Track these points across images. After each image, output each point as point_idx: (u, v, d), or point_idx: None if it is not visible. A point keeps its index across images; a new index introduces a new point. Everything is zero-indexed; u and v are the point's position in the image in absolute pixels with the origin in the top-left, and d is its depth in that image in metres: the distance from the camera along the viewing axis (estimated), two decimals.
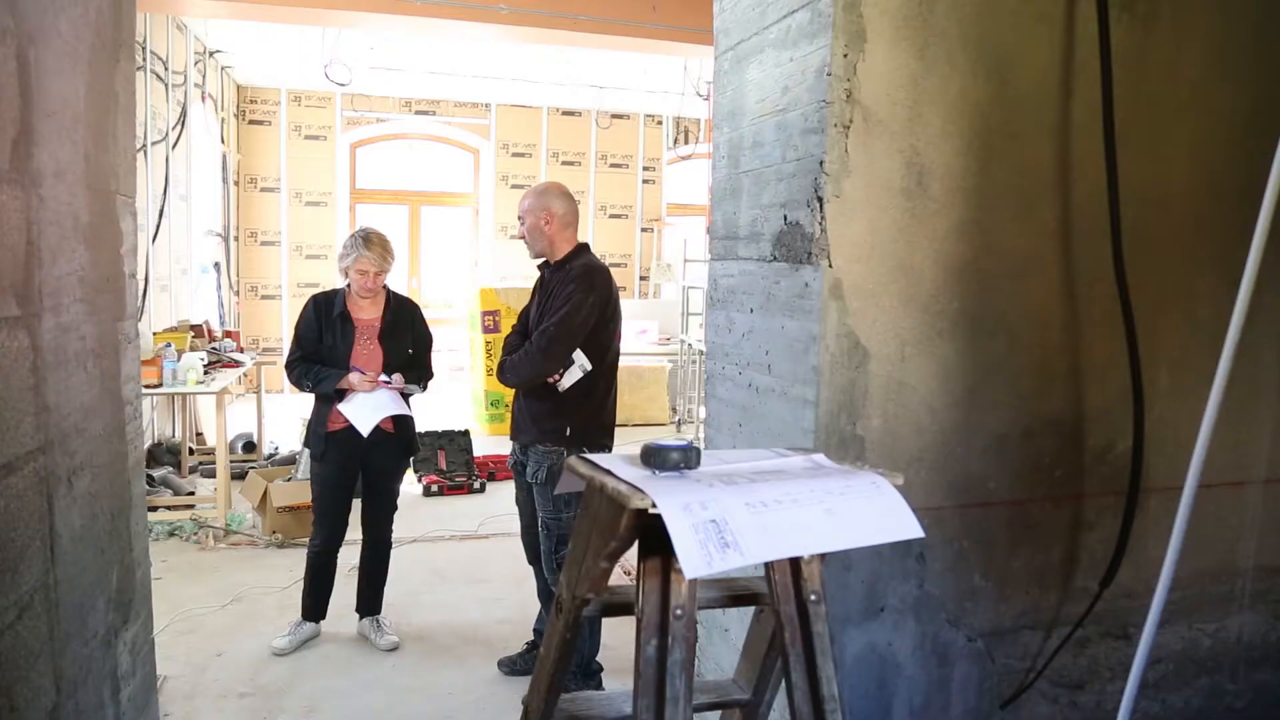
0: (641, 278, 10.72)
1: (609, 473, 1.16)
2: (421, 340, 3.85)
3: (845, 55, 1.81)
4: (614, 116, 10.43)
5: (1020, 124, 1.94)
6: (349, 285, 3.65)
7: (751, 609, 1.47)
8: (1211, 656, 2.36)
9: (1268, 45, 2.15)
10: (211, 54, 8.17)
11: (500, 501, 5.62)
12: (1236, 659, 2.40)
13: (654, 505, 1.04)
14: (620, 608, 1.30)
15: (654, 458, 1.17)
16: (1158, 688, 2.31)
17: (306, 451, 4.18)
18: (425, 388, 3.82)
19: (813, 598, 1.18)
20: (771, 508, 1.04)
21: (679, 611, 1.12)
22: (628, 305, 9.92)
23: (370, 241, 3.57)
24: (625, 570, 3.39)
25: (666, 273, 10.22)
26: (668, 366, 8.78)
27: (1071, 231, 1.99)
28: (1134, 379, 1.98)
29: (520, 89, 9.50)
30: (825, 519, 1.05)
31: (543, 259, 3.34)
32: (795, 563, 1.18)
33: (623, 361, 8.88)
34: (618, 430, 3.51)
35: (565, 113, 10.36)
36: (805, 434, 1.83)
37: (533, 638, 3.55)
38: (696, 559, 0.97)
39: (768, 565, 1.20)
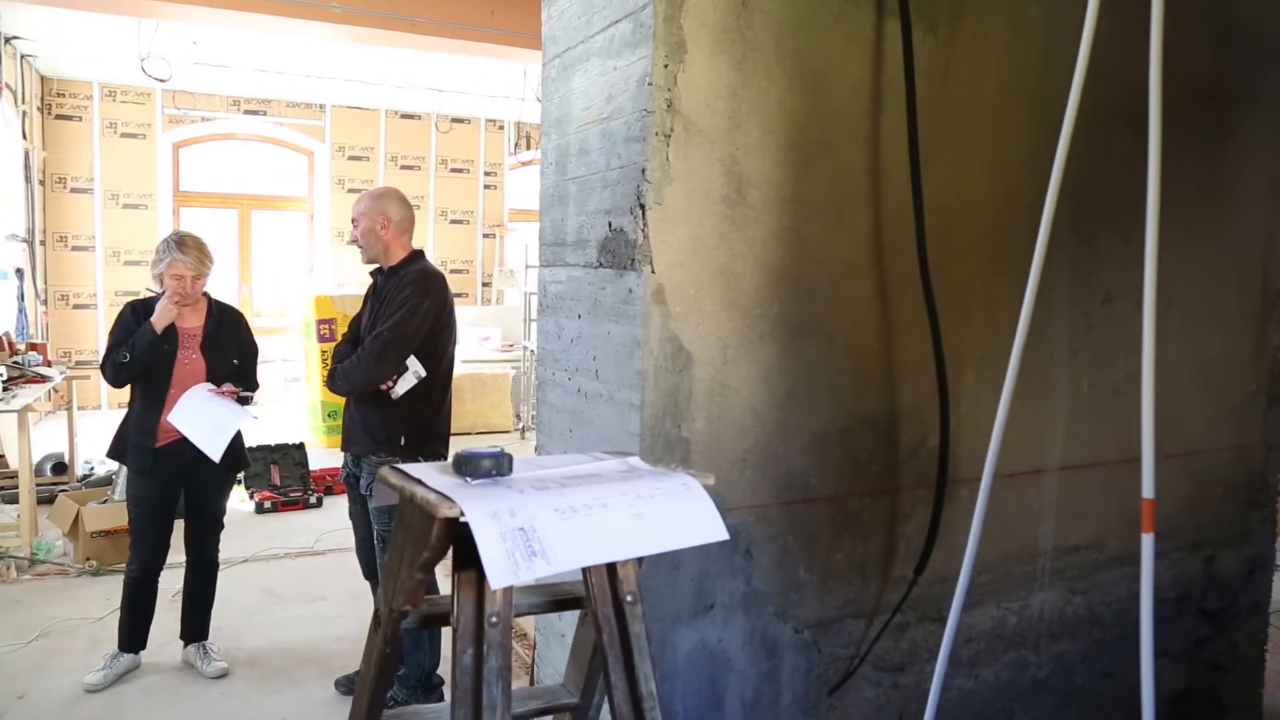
0: (484, 284, 10.60)
1: (420, 482, 1.14)
2: (247, 350, 3.67)
3: (666, 66, 1.84)
4: (454, 120, 10.28)
5: (834, 135, 2.03)
6: (164, 292, 3.45)
7: None
8: (1017, 632, 2.54)
9: (1054, 69, 2.33)
10: (8, 40, 7.54)
11: (338, 516, 5.43)
12: (1039, 633, 2.58)
13: (463, 514, 1.03)
14: (438, 618, 1.28)
15: (466, 465, 1.16)
16: (971, 664, 2.45)
17: (124, 470, 3.92)
18: (253, 402, 3.65)
19: (629, 599, 1.20)
20: (581, 513, 1.05)
21: (494, 619, 1.12)
22: (470, 312, 9.82)
23: (184, 245, 3.38)
24: None
25: (509, 279, 10.15)
26: (511, 373, 8.72)
27: (883, 239, 2.10)
28: (940, 378, 2.11)
29: (357, 90, 9.24)
30: (634, 523, 1.07)
31: (376, 264, 3.27)
32: (611, 565, 1.19)
33: (466, 369, 8.74)
34: (461, 439, 3.48)
35: (404, 116, 10.14)
36: (632, 437, 1.86)
37: None
38: (503, 568, 0.97)
39: (585, 569, 1.21)
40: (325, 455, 6.90)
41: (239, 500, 5.79)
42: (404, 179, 9.95)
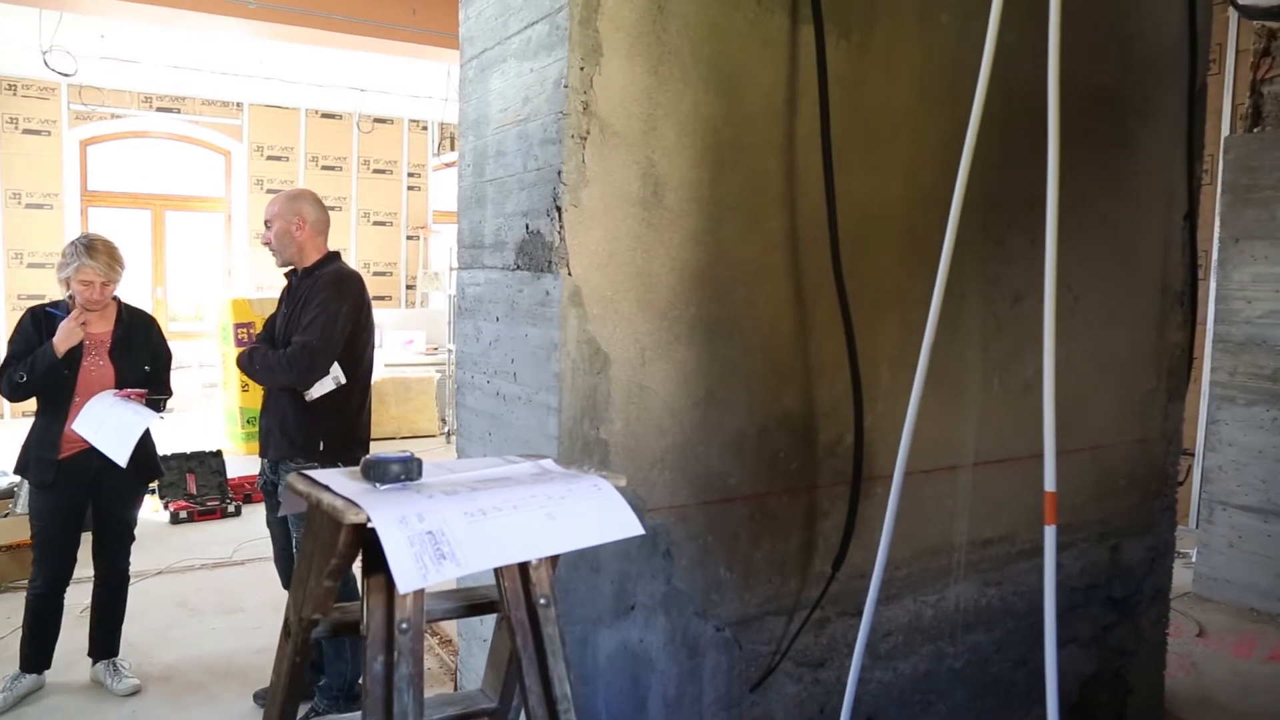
0: (408, 286, 10.44)
1: (327, 488, 1.12)
2: (159, 356, 3.55)
3: (582, 68, 1.84)
4: (377, 120, 10.12)
5: (750, 139, 2.06)
6: (72, 297, 3.32)
7: None
8: (934, 625, 2.60)
9: (965, 75, 2.39)
10: None
11: (258, 525, 5.28)
12: (955, 625, 2.65)
13: (369, 519, 1.01)
14: (350, 627, 1.26)
15: (374, 471, 1.14)
16: (889, 657, 2.51)
17: (26, 483, 3.76)
18: (164, 408, 3.54)
19: (542, 601, 1.20)
20: (491, 516, 1.05)
21: (404, 626, 1.10)
22: (394, 315, 9.68)
23: (94, 249, 3.26)
24: None
25: (433, 281, 10.03)
26: (436, 377, 8.62)
27: (798, 241, 2.13)
28: (853, 377, 2.15)
29: (276, 88, 9.02)
30: (546, 523, 1.07)
31: (290, 266, 3.21)
32: (524, 568, 1.19)
33: (390, 373, 8.61)
34: (385, 444, 3.43)
35: (325, 115, 9.94)
36: (550, 440, 1.85)
37: None
38: (411, 572, 0.96)
39: (497, 572, 1.20)
40: (245, 462, 6.74)
41: (152, 511, 5.62)
42: (325, 180, 9.75)
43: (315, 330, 2.98)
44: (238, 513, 5.76)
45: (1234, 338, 4.46)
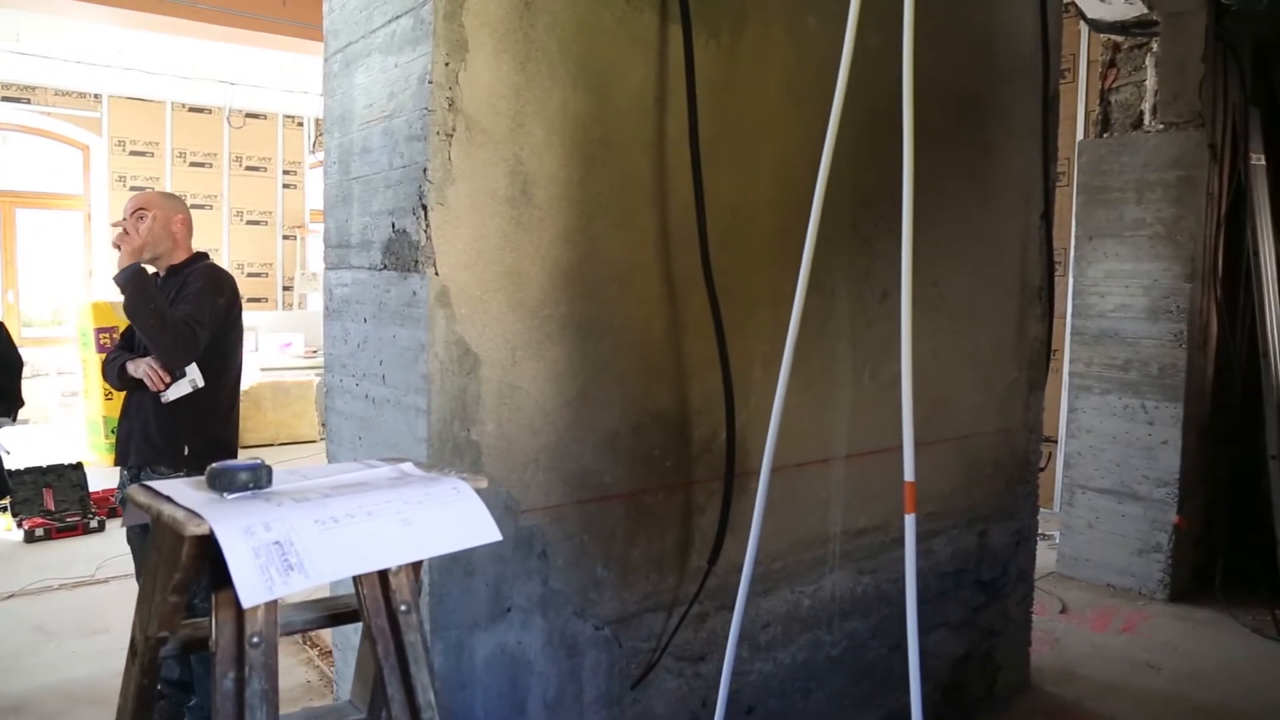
0: (285, 288, 10.08)
1: (169, 500, 1.06)
2: (8, 365, 3.34)
3: (447, 64, 1.81)
4: (249, 115, 9.74)
5: (620, 137, 2.06)
6: None
7: None
8: (812, 614, 2.66)
9: (830, 78, 2.45)
10: None
11: (122, 540, 5.04)
12: (832, 613, 2.72)
13: (212, 531, 0.97)
14: (202, 643, 1.20)
15: (221, 479, 1.09)
16: (769, 648, 2.55)
17: None
18: (15, 419, 3.33)
19: (403, 608, 1.17)
20: (343, 523, 1.01)
21: (256, 640, 1.06)
22: (271, 317, 9.34)
23: None
24: None
25: (311, 282, 9.73)
26: (315, 380, 8.37)
27: (670, 239, 2.14)
28: (724, 374, 2.18)
29: (138, 80, 8.57)
30: (400, 530, 1.04)
31: (154, 264, 3.07)
32: (383, 575, 1.16)
33: (267, 377, 8.30)
34: (264, 450, 3.32)
35: (193, 109, 9.50)
36: (420, 443, 1.81)
37: (159, 687, 3.22)
38: (255, 585, 0.92)
39: (356, 580, 1.17)
40: (109, 474, 6.39)
41: (4, 530, 5.28)
42: (194, 177, 9.34)
43: (195, 317, 2.88)
44: (101, 528, 5.46)
45: (1090, 330, 4.71)
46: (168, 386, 2.88)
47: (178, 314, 2.89)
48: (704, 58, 2.19)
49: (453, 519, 1.10)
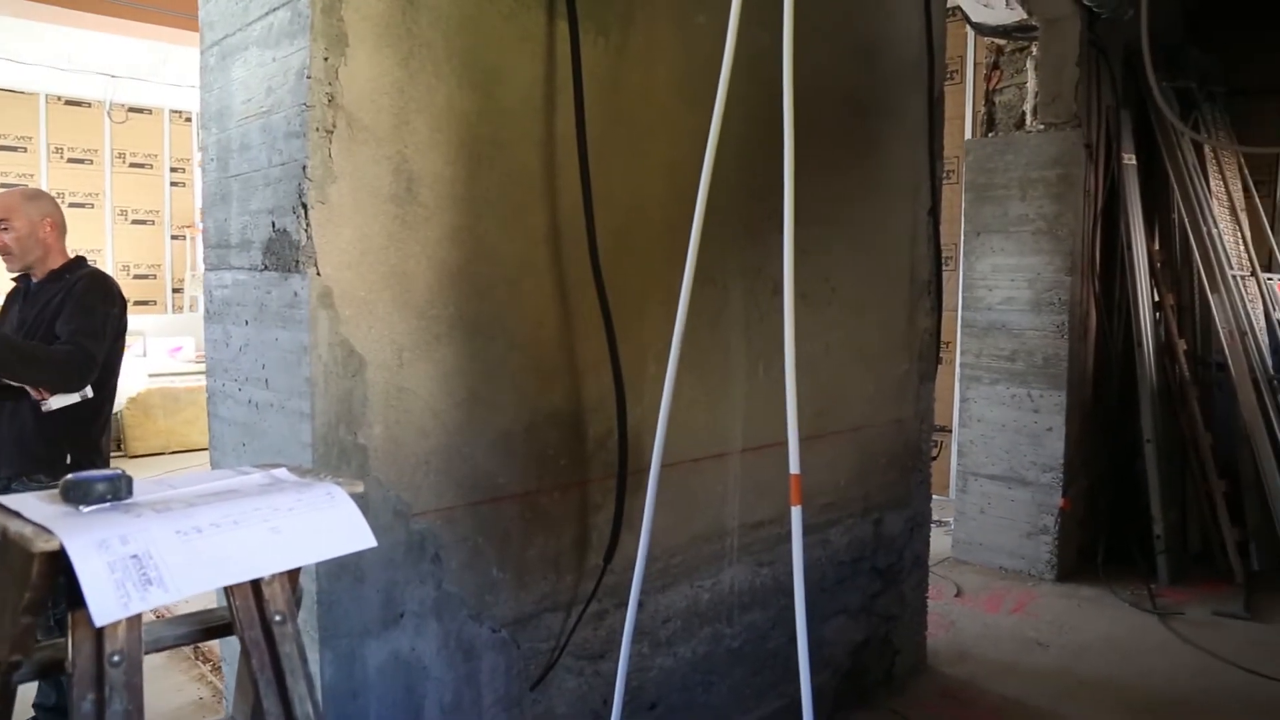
0: (174, 290, 9.66)
1: (17, 515, 1.01)
2: None
3: (326, 59, 1.77)
4: (132, 110, 9.31)
5: (508, 134, 2.04)
6: None
7: None
8: (711, 608, 2.68)
9: (718, 77, 2.48)
10: None
11: None
12: (732, 606, 2.75)
13: (62, 546, 0.92)
14: (61, 664, 1.14)
15: (76, 491, 1.04)
16: (669, 643, 2.57)
17: None
18: None
19: (278, 619, 1.14)
20: (207, 533, 0.98)
21: (116, 659, 1.01)
22: (160, 321, 8.97)
23: None
24: None
25: (203, 284, 9.36)
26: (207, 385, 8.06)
27: (561, 237, 2.14)
28: (615, 371, 2.18)
29: (7, 70, 8.11)
30: (270, 538, 1.01)
31: (27, 271, 2.93)
32: (256, 585, 1.12)
33: (156, 383, 7.95)
34: (155, 460, 3.21)
35: (70, 102, 9.02)
36: (304, 448, 1.77)
37: (34, 714, 3.07)
38: (110, 602, 0.88)
39: (227, 591, 1.13)
40: None
41: None
42: (72, 174, 8.88)
43: (87, 332, 2.75)
44: None
45: (978, 323, 4.88)
46: (47, 397, 2.74)
47: (70, 328, 2.75)
48: (592, 55, 2.19)
49: (326, 526, 1.08)
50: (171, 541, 0.95)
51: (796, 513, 1.85)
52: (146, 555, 0.93)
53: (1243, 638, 3.98)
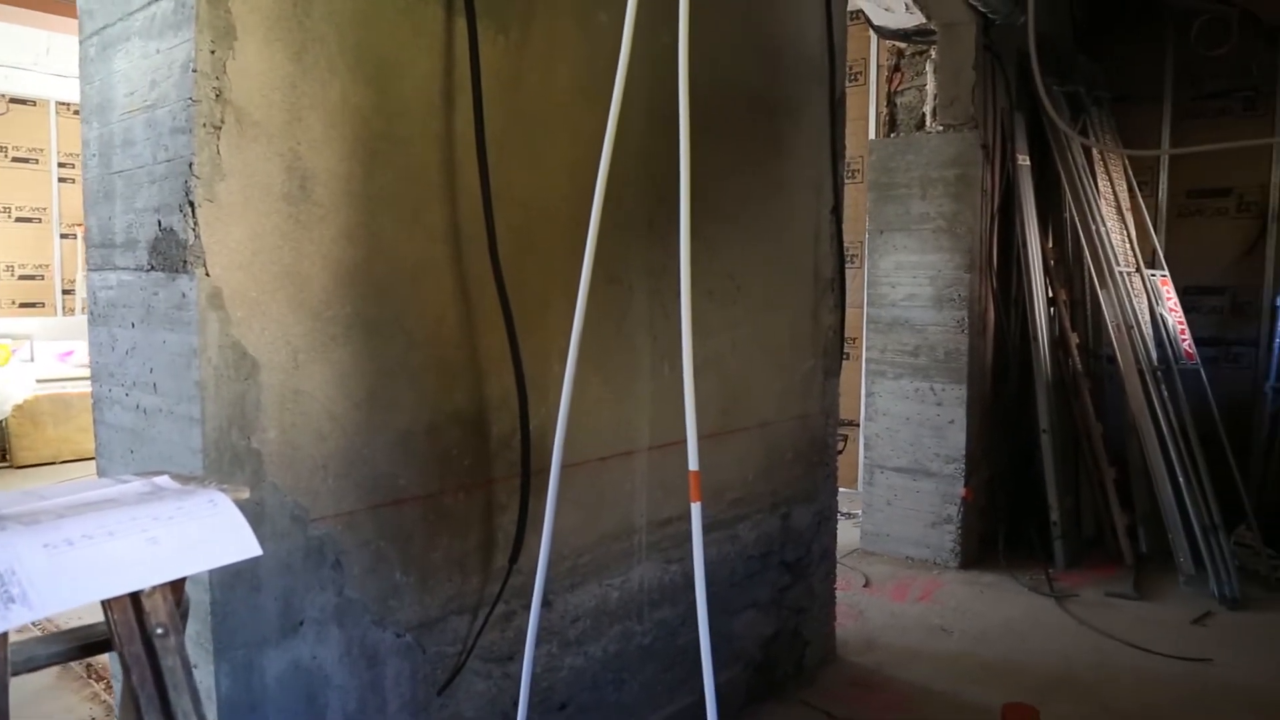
0: (65, 291, 9.24)
1: None
2: None
3: (213, 52, 1.71)
4: (14, 101, 8.86)
5: (405, 131, 2.01)
6: None
7: None
8: (621, 606, 2.69)
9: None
10: None
11: None
12: (641, 603, 2.76)
13: None
14: None
15: None
16: (579, 642, 2.56)
17: None
18: None
19: (160, 631, 1.09)
20: (79, 546, 0.94)
21: None
22: (49, 324, 8.57)
23: None
24: None
25: None
26: None
27: (462, 235, 2.11)
28: (516, 370, 2.17)
29: None
30: (147, 550, 0.97)
31: None
32: (135, 598, 1.08)
33: (46, 389, 7.62)
34: (45, 470, 3.05)
35: None
36: (195, 454, 1.71)
37: None
38: None
39: (105, 606, 1.08)
40: None
41: None
42: None
43: None
44: None
45: (883, 319, 5.00)
46: None
47: None
48: (492, 52, 2.17)
49: (209, 534, 1.04)
50: (38, 556, 0.91)
51: (696, 509, 1.87)
52: (9, 572, 0.88)
53: (1132, 616, 4.17)
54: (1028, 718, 2.95)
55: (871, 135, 5.87)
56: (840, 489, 3.92)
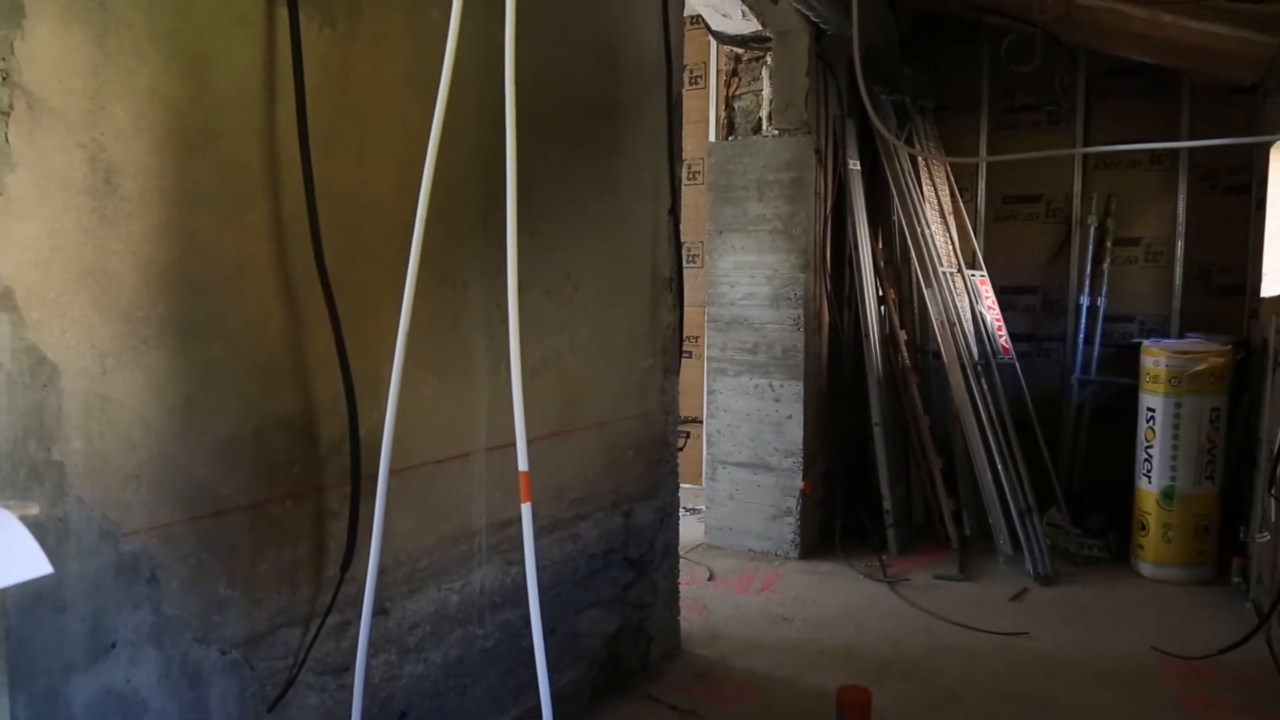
0: None
1: None
2: None
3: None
4: None
5: (223, 124, 1.92)
6: None
7: None
8: (462, 610, 2.65)
9: (455, 72, 2.44)
10: None
11: None
12: (483, 606, 2.73)
13: None
14: None
15: None
16: (419, 649, 2.51)
17: None
18: None
19: None
20: None
21: None
22: None
23: None
24: None
25: None
26: None
27: (286, 233, 2.04)
28: (344, 372, 2.11)
29: None
30: None
31: None
32: None
33: None
34: None
35: None
36: None
37: None
38: None
39: None
40: None
41: None
42: None
43: None
44: None
45: (723, 317, 5.12)
46: None
47: None
48: (318, 44, 2.10)
49: None
50: None
51: (527, 510, 1.87)
52: None
53: (958, 597, 4.44)
54: (860, 698, 3.08)
55: (712, 138, 6.01)
56: (684, 485, 4.00)
